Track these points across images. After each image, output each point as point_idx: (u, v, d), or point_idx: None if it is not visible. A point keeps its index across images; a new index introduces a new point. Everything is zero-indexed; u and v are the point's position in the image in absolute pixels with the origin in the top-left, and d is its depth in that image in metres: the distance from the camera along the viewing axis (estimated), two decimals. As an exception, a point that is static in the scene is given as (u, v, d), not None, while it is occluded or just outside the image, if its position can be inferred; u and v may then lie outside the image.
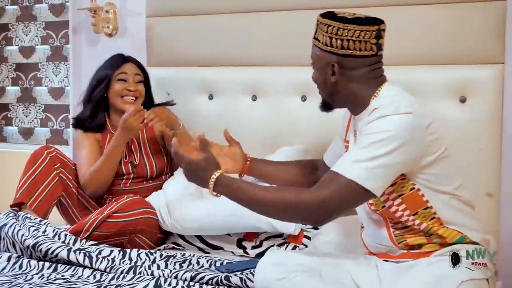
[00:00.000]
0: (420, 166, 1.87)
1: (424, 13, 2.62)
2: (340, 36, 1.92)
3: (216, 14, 3.03)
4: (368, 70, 1.95)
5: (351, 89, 1.97)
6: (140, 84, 2.84)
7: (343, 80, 1.96)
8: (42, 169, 2.67)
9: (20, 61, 3.95)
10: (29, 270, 2.31)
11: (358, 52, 1.92)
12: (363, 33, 1.91)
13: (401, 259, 1.93)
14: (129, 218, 2.51)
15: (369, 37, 1.91)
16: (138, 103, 2.78)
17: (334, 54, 1.94)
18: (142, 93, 2.84)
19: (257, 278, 1.88)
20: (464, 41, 2.55)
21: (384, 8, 2.67)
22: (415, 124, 1.85)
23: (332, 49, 1.94)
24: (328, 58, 1.96)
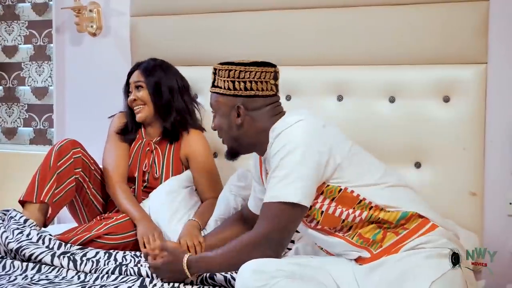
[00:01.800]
0: (336, 165, 1.95)
1: (407, 14, 2.64)
2: (243, 78, 2.05)
3: (200, 13, 3.03)
4: (270, 108, 2.09)
5: (256, 128, 2.09)
6: (141, 90, 2.78)
7: (248, 120, 2.08)
8: (63, 170, 2.61)
9: (3, 60, 3.92)
10: (12, 270, 2.30)
11: (261, 92, 2.06)
12: (263, 74, 2.06)
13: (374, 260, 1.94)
14: (118, 241, 2.52)
15: (269, 77, 2.07)
16: (146, 112, 2.76)
17: (238, 96, 2.07)
18: (145, 99, 2.77)
19: (237, 286, 1.88)
20: (447, 41, 2.57)
21: (367, 8, 2.70)
22: (309, 127, 1.97)
23: (236, 92, 2.07)
24: (232, 102, 2.08)
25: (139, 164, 2.78)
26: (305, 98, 2.76)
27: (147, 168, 2.76)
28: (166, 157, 2.77)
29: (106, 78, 3.36)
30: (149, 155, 2.77)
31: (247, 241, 1.97)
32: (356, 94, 2.69)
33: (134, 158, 2.80)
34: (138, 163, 2.78)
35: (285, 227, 1.94)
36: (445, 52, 2.58)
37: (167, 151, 2.79)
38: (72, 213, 2.86)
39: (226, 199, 2.59)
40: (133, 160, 2.80)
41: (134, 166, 2.79)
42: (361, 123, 2.64)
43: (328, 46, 2.77)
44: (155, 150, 2.78)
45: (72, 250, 2.39)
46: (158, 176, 2.75)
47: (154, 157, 2.77)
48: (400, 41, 2.65)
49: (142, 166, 2.77)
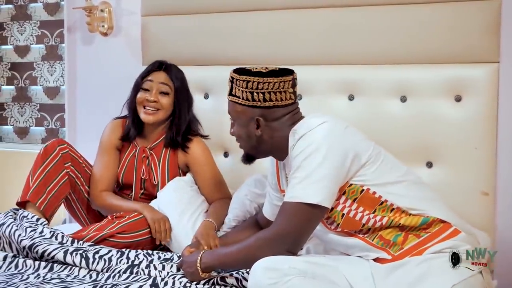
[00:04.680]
0: (360, 166, 1.96)
1: (419, 12, 2.63)
2: (261, 89, 2.04)
3: (211, 13, 3.03)
4: (289, 116, 2.09)
5: (275, 138, 2.09)
6: (165, 96, 2.71)
7: (267, 131, 2.09)
8: (52, 166, 2.64)
9: (15, 60, 3.94)
10: (25, 269, 2.31)
11: (280, 103, 2.05)
12: (282, 84, 2.04)
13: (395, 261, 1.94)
14: (131, 239, 2.52)
15: (287, 86, 2.06)
16: (159, 117, 2.72)
17: (256, 107, 2.06)
18: (165, 106, 2.70)
19: (250, 283, 1.88)
20: (459, 40, 2.56)
21: (378, 7, 2.69)
22: (332, 129, 1.97)
23: (254, 103, 2.06)
24: (251, 113, 2.07)
25: (135, 171, 2.76)
26: (316, 98, 2.76)
27: (145, 175, 2.74)
28: (161, 163, 2.75)
29: (117, 77, 3.36)
30: (144, 161, 2.75)
31: (263, 238, 1.98)
32: (367, 94, 2.69)
33: (129, 166, 2.77)
34: (135, 171, 2.76)
35: (303, 227, 1.94)
36: (457, 51, 2.57)
37: (162, 157, 2.76)
38: (73, 214, 2.87)
39: (241, 202, 2.60)
40: (128, 167, 2.77)
41: (130, 173, 2.77)
42: (372, 123, 2.63)
43: (339, 45, 2.76)
44: (150, 156, 2.76)
45: (85, 247, 2.40)
46: (157, 182, 2.73)
47: (150, 164, 2.75)
48: (412, 40, 2.64)
49: (140, 173, 2.75)
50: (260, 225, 2.38)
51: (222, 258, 2.07)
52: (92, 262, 2.28)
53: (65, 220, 3.46)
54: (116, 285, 2.07)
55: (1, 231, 2.45)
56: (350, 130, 2.03)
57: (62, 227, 2.98)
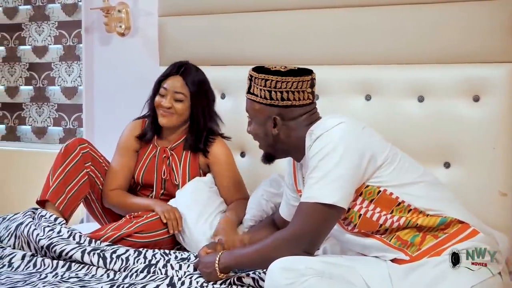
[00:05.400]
0: (376, 167, 1.95)
1: (436, 12, 2.61)
2: (279, 88, 2.04)
3: (228, 13, 3.04)
4: (306, 116, 2.09)
5: (292, 137, 2.09)
6: (179, 103, 2.69)
7: (284, 130, 2.09)
8: (72, 166, 2.66)
9: (33, 60, 3.97)
10: (43, 268, 2.33)
11: (297, 102, 2.06)
12: (300, 84, 2.04)
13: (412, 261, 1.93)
14: (148, 239, 2.53)
15: (306, 86, 2.06)
16: (173, 121, 2.72)
17: (274, 106, 2.06)
18: (180, 111, 2.69)
19: (267, 283, 1.88)
20: (477, 40, 2.54)
21: (395, 7, 2.68)
22: (349, 129, 1.97)
23: (272, 102, 2.06)
24: (269, 111, 2.08)
25: (156, 171, 2.77)
26: (333, 98, 2.75)
27: (166, 175, 2.74)
28: (182, 163, 2.76)
29: (134, 78, 3.38)
30: (165, 162, 2.76)
31: (280, 238, 1.98)
32: (384, 94, 2.68)
33: (149, 166, 2.78)
34: (156, 171, 2.76)
35: (319, 227, 1.94)
36: (475, 51, 2.55)
37: (183, 157, 2.76)
38: (91, 213, 2.89)
39: (258, 202, 2.60)
40: (148, 168, 2.78)
41: (150, 173, 2.77)
42: (389, 123, 2.62)
43: (356, 45, 2.75)
44: (171, 157, 2.76)
45: (102, 246, 2.41)
46: (178, 182, 2.74)
47: (171, 164, 2.76)
48: (429, 40, 2.62)
49: (160, 173, 2.75)
50: (276, 225, 2.38)
51: (240, 259, 2.07)
52: (110, 262, 2.29)
53: (82, 220, 3.49)
54: (133, 285, 2.08)
55: (20, 230, 2.47)
56: (367, 131, 2.02)
57: (80, 227, 3.01)
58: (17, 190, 3.91)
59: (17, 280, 2.15)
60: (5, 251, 2.44)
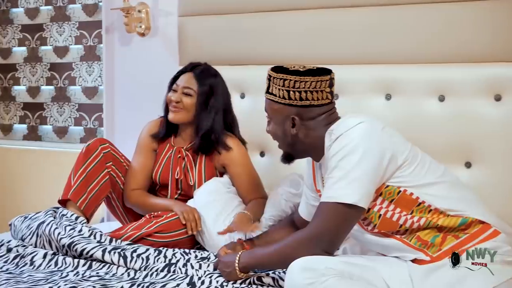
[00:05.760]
0: (397, 167, 1.94)
1: (456, 11, 2.59)
2: (298, 88, 2.04)
3: (247, 13, 3.04)
4: (325, 116, 2.08)
5: (311, 137, 2.09)
6: (187, 97, 2.71)
7: (303, 130, 2.08)
8: (94, 165, 2.68)
9: (54, 61, 3.99)
10: (64, 267, 2.34)
11: (316, 102, 2.05)
12: (318, 83, 2.03)
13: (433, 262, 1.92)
14: (168, 239, 2.54)
15: (324, 86, 2.05)
16: (182, 116, 2.72)
17: (293, 106, 2.06)
18: (187, 106, 2.71)
19: (287, 283, 1.89)
20: (499, 39, 2.52)
21: (415, 6, 2.67)
22: (369, 129, 1.95)
23: (291, 102, 2.05)
24: (287, 111, 2.07)
25: (171, 172, 2.77)
26: (352, 97, 2.74)
27: (179, 176, 2.75)
28: (198, 163, 2.76)
29: (154, 77, 3.39)
30: (180, 162, 2.76)
31: (300, 238, 1.98)
32: (405, 93, 2.66)
33: (165, 166, 2.78)
34: (171, 171, 2.77)
35: (339, 227, 1.93)
36: (496, 50, 2.53)
37: (198, 157, 2.76)
38: (112, 212, 2.91)
39: (277, 202, 2.60)
40: (164, 168, 2.78)
41: (166, 174, 2.78)
42: (409, 123, 2.61)
43: (376, 44, 2.74)
44: (186, 157, 2.76)
45: (123, 245, 2.43)
46: (193, 183, 2.75)
47: (186, 164, 2.76)
48: (450, 39, 2.61)
49: (175, 174, 2.76)
50: (296, 225, 2.38)
51: (259, 258, 2.07)
52: (130, 261, 2.30)
53: (103, 219, 3.51)
54: (153, 284, 2.09)
55: (41, 229, 2.49)
56: (387, 131, 2.01)
57: (100, 226, 3.03)
58: (38, 189, 3.94)
59: (39, 279, 2.17)
60: (27, 250, 2.46)
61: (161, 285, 2.07)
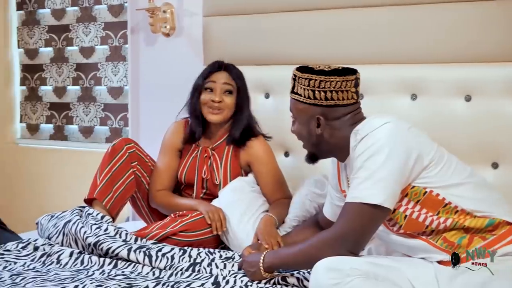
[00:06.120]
0: (423, 167, 1.93)
1: (483, 10, 2.57)
2: (323, 88, 2.03)
3: (272, 12, 3.04)
4: (350, 116, 2.07)
5: (336, 137, 2.08)
6: (228, 96, 2.74)
7: (328, 130, 2.07)
8: (119, 165, 2.70)
9: (80, 61, 4.03)
10: (90, 265, 2.36)
11: (341, 102, 2.04)
12: (344, 83, 2.03)
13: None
14: (193, 238, 2.55)
15: (350, 86, 2.04)
16: (223, 116, 2.74)
17: (318, 106, 2.05)
18: (229, 105, 2.73)
19: (311, 283, 1.88)
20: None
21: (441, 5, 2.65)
22: (395, 129, 1.94)
23: (316, 101, 2.05)
24: (312, 111, 2.06)
25: (197, 171, 2.78)
26: (378, 97, 2.73)
27: (206, 175, 2.76)
28: (224, 163, 2.76)
29: (179, 77, 3.40)
30: (206, 161, 2.77)
31: (325, 238, 1.97)
32: (430, 93, 2.64)
33: (191, 166, 2.79)
34: (197, 170, 2.78)
35: (364, 228, 1.93)
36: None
37: (224, 157, 2.77)
38: (137, 212, 2.93)
39: (302, 202, 2.60)
40: (190, 167, 2.79)
41: (192, 173, 2.79)
42: (435, 123, 2.59)
43: (401, 44, 2.73)
44: (212, 156, 2.77)
45: (148, 244, 2.44)
46: (218, 182, 2.75)
47: (212, 163, 2.77)
48: (476, 39, 2.58)
49: (201, 173, 2.76)
50: (320, 225, 2.37)
51: (284, 258, 2.07)
52: (155, 260, 2.31)
53: (128, 218, 3.53)
54: (178, 283, 2.10)
55: (68, 228, 2.52)
56: (413, 131, 2.00)
57: (126, 225, 3.05)
58: (64, 188, 3.98)
59: (65, 277, 2.19)
60: (53, 248, 2.49)
61: (185, 285, 2.08)
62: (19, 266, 2.36)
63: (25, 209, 4.07)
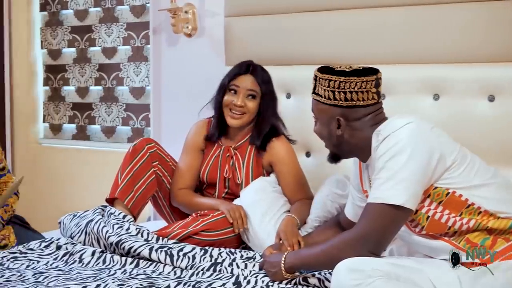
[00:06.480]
0: (445, 168, 1.91)
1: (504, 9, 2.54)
2: (343, 89, 2.02)
3: (294, 12, 3.03)
4: (371, 117, 2.06)
5: (357, 138, 2.07)
6: (251, 100, 2.72)
7: (348, 131, 2.07)
8: (140, 165, 2.71)
9: (102, 61, 4.05)
10: (112, 265, 2.38)
11: (361, 103, 2.03)
12: (364, 84, 2.01)
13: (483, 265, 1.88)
14: (215, 237, 2.55)
15: (370, 86, 2.02)
16: (244, 120, 2.74)
17: (338, 107, 2.05)
18: (251, 110, 2.72)
19: (333, 284, 1.87)
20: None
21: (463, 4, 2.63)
22: (417, 129, 1.93)
23: (336, 102, 2.04)
24: (332, 112, 2.06)
25: (219, 170, 2.78)
26: (400, 98, 2.71)
27: (228, 174, 2.76)
28: (246, 162, 2.76)
29: (201, 78, 3.41)
30: (229, 161, 2.77)
31: (347, 239, 1.97)
32: (453, 93, 2.62)
33: (213, 165, 2.79)
34: (219, 170, 2.78)
35: (386, 229, 1.92)
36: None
37: (246, 157, 2.77)
38: (159, 211, 2.94)
39: (323, 203, 2.59)
40: (212, 167, 2.79)
41: (214, 172, 2.79)
42: (458, 123, 2.57)
43: (423, 43, 2.71)
44: (234, 156, 2.77)
45: (169, 244, 2.44)
46: (240, 181, 2.75)
47: (234, 163, 2.77)
48: (500, 38, 2.56)
49: (223, 172, 2.77)
50: (342, 225, 2.36)
51: (306, 259, 2.07)
52: (177, 259, 2.32)
53: (149, 218, 3.55)
54: (199, 282, 2.10)
55: (90, 227, 2.53)
56: (435, 131, 1.99)
57: (147, 224, 3.06)
58: (87, 187, 4.01)
59: (88, 276, 2.20)
60: (75, 247, 2.50)
61: (207, 284, 2.08)
62: (42, 265, 2.38)
63: (48, 208, 4.11)
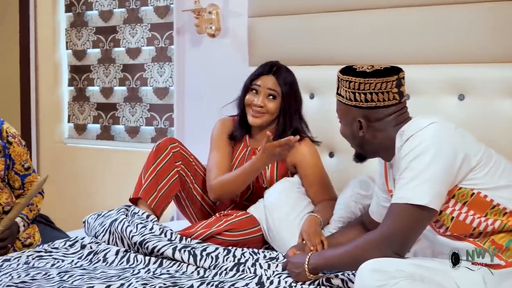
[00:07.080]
0: (470, 168, 1.90)
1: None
2: (363, 90, 2.02)
3: (317, 13, 3.03)
4: (393, 117, 2.05)
5: (380, 139, 2.06)
6: (272, 101, 2.72)
7: (371, 131, 2.06)
8: (164, 164, 2.71)
9: (127, 62, 4.08)
10: (136, 264, 2.38)
11: (382, 103, 2.02)
12: (384, 85, 2.00)
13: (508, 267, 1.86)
14: (238, 237, 2.55)
15: (391, 87, 2.01)
16: (264, 120, 2.74)
17: (359, 108, 2.04)
18: (271, 110, 2.72)
19: (357, 285, 1.86)
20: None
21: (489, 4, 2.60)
22: (442, 130, 1.92)
23: (356, 103, 2.04)
24: (354, 113, 2.06)
25: None
26: (424, 98, 2.69)
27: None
28: (270, 164, 2.74)
29: (225, 78, 3.42)
30: None
31: (371, 239, 1.96)
32: (478, 93, 2.60)
33: (238, 166, 2.78)
34: None
35: (411, 229, 1.90)
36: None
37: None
38: (182, 211, 2.93)
39: (346, 203, 2.58)
40: (238, 167, 2.78)
41: None
42: (483, 123, 2.54)
43: (448, 43, 2.69)
44: None
45: (193, 244, 2.45)
46: (265, 183, 2.75)
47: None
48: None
49: None
50: (366, 226, 2.35)
51: (329, 259, 2.06)
52: (200, 259, 2.33)
53: (173, 217, 3.56)
54: (222, 282, 2.10)
55: (114, 226, 2.54)
56: (460, 131, 1.97)
57: (170, 224, 3.07)
58: (111, 187, 4.04)
59: (112, 275, 2.21)
60: (100, 247, 2.52)
61: (230, 284, 2.08)
62: (67, 264, 2.40)
63: (73, 208, 4.14)
